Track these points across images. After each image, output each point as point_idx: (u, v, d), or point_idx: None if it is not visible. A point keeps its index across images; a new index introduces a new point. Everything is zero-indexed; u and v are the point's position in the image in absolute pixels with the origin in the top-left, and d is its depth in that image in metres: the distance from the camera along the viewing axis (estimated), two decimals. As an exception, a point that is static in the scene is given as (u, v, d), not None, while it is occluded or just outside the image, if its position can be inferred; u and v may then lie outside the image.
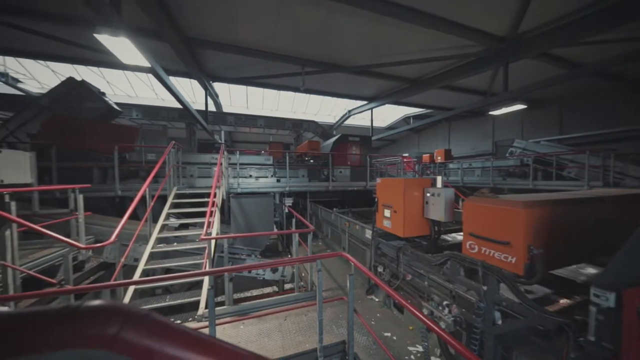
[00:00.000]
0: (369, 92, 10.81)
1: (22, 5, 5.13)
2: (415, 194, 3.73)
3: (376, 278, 2.19)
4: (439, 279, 3.11)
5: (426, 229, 3.83)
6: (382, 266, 4.09)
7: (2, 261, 2.95)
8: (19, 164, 4.15)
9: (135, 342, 0.34)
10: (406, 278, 3.49)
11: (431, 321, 1.73)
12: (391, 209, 3.87)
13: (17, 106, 7.50)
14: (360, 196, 9.65)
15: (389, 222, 3.98)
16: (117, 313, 0.35)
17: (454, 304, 2.92)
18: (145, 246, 4.61)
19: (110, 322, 0.34)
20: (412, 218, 3.74)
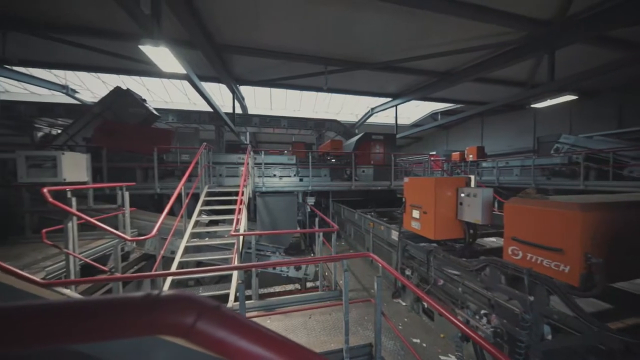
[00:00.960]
0: (393, 89, 10.46)
1: (79, 25, 5.82)
2: (447, 194, 3.51)
3: (408, 282, 2.09)
4: (476, 285, 2.89)
5: (459, 232, 3.59)
6: (409, 269, 3.92)
7: (66, 249, 3.36)
8: (78, 164, 4.72)
9: (209, 334, 0.35)
10: (437, 283, 3.30)
11: (472, 331, 1.60)
12: (420, 209, 3.69)
13: (75, 114, 8.53)
14: (384, 196, 9.39)
15: (418, 224, 3.80)
16: (193, 304, 0.36)
17: (493, 314, 2.69)
18: (180, 240, 4.95)
19: (188, 312, 0.35)
20: (444, 220, 3.52)
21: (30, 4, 5.18)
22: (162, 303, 0.35)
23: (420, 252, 3.68)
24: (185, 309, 0.36)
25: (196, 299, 0.37)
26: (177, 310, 0.35)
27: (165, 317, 0.35)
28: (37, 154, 4.43)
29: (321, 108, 15.58)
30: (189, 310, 0.36)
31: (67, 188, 3.60)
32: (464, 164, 11.94)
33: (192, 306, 0.36)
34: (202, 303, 0.37)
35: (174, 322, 0.35)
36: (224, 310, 0.38)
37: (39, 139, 9.45)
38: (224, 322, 0.36)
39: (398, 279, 2.23)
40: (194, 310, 0.36)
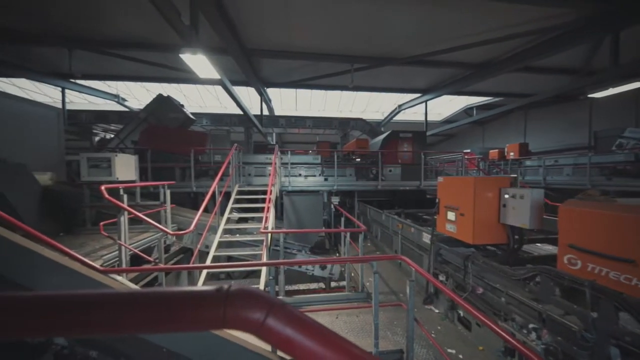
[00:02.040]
0: (423, 84, 9.96)
1: (129, 40, 6.50)
2: (488, 195, 3.22)
3: (447, 289, 1.96)
4: (523, 296, 2.61)
5: (502, 237, 3.27)
6: (444, 275, 3.69)
7: (119, 241, 3.77)
8: (128, 165, 5.29)
9: (278, 331, 0.35)
10: (476, 291, 3.05)
11: (522, 345, 1.45)
12: (457, 211, 3.45)
13: (125, 120, 9.55)
14: (413, 196, 8.98)
15: (453, 226, 3.55)
16: (262, 300, 0.36)
17: (545, 329, 2.41)
18: (214, 236, 5.26)
19: (258, 308, 0.36)
20: (484, 223, 3.24)
21: (91, 25, 5.91)
22: (233, 298, 0.36)
23: (457, 257, 3.44)
24: (255, 305, 0.36)
25: (265, 296, 0.37)
26: (248, 305, 0.36)
27: (238, 312, 0.35)
28: (95, 156, 5.06)
29: (346, 107, 15.44)
30: (259, 307, 0.36)
31: (119, 186, 4.03)
32: (504, 162, 10.92)
33: (262, 302, 0.36)
34: (270, 300, 0.37)
35: (246, 318, 0.35)
36: (290, 308, 0.38)
37: (96, 143, 10.78)
38: (291, 320, 0.36)
39: (434, 284, 2.10)
40: (264, 307, 0.36)
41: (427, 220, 6.27)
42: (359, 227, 3.98)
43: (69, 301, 0.34)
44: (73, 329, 0.36)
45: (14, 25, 5.84)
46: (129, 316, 0.34)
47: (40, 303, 0.35)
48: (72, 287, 2.02)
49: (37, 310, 0.33)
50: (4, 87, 10.37)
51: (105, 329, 0.36)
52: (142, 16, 5.45)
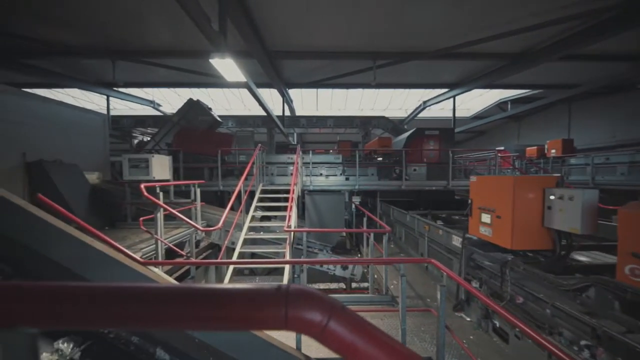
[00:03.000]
0: (451, 78, 9.42)
1: (164, 49, 7.00)
2: (529, 195, 2.94)
3: (485, 297, 1.82)
4: (573, 309, 2.35)
5: (545, 242, 2.97)
6: (477, 281, 3.45)
7: (156, 235, 4.07)
8: (163, 165, 5.71)
9: (341, 336, 0.34)
10: (516, 301, 2.81)
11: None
12: (493, 213, 3.20)
13: (160, 123, 10.30)
14: (439, 197, 8.55)
15: (488, 230, 3.30)
16: (323, 302, 0.35)
17: (600, 347, 2.14)
18: (239, 233, 5.46)
19: (320, 310, 0.34)
20: (525, 226, 2.96)
21: (132, 37, 6.46)
22: (294, 298, 0.35)
23: (493, 262, 3.19)
24: (317, 307, 0.34)
25: (325, 298, 0.36)
26: (310, 307, 0.34)
27: (299, 314, 0.34)
28: (135, 157, 5.52)
29: (367, 105, 15.16)
30: (321, 309, 0.34)
31: (156, 184, 4.35)
32: (543, 160, 9.95)
33: (324, 305, 0.34)
34: (332, 302, 0.35)
35: (308, 320, 0.34)
36: (351, 311, 0.36)
37: (135, 145, 11.79)
38: (353, 325, 0.34)
39: (469, 290, 1.97)
40: (326, 310, 0.34)
41: (457, 222, 5.93)
42: (383, 228, 3.87)
43: (133, 294, 0.36)
44: (137, 323, 0.37)
45: (67, 41, 6.58)
46: (188, 312, 0.34)
47: (113, 294, 0.36)
48: (119, 279, 2.21)
49: (106, 301, 0.35)
50: (59, 96, 11.73)
51: (166, 324, 0.37)
52: (176, 25, 5.84)
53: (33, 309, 0.32)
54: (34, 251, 1.99)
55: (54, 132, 5.65)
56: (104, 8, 5.29)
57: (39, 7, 5.27)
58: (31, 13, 5.47)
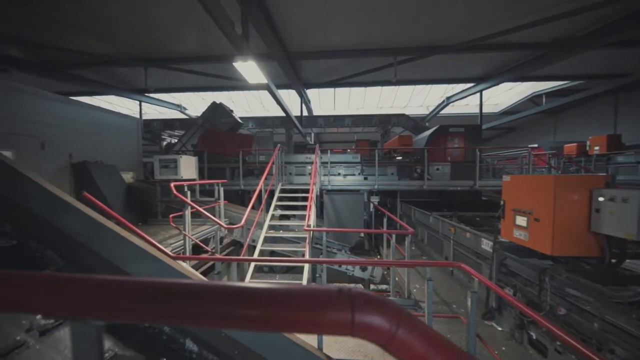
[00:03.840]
0: (477, 72, 8.89)
1: (190, 56, 7.37)
2: (574, 197, 2.66)
3: (524, 307, 1.67)
4: (627, 325, 2.09)
5: (593, 248, 2.68)
6: (510, 288, 3.20)
7: (184, 232, 4.30)
8: (190, 165, 6.02)
9: (410, 345, 0.31)
10: (557, 312, 2.56)
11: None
12: (529, 215, 2.95)
13: (186, 126, 10.87)
14: (465, 198, 8.11)
15: (524, 233, 3.05)
16: (392, 309, 0.33)
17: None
18: (260, 231, 5.59)
19: (387, 317, 0.32)
20: (567, 230, 2.69)
21: (163, 46, 6.90)
22: (360, 302, 0.32)
23: (529, 269, 2.94)
24: (385, 313, 0.32)
25: (393, 303, 0.33)
26: (377, 313, 0.32)
27: (367, 319, 0.32)
28: (165, 158, 5.86)
29: (386, 103, 14.81)
30: (389, 316, 0.32)
31: (184, 183, 4.58)
32: (585, 158, 9.04)
33: (392, 311, 0.32)
34: (399, 308, 0.33)
35: (376, 327, 0.31)
36: (419, 319, 0.33)
37: (164, 147, 12.56)
38: (423, 335, 0.31)
39: (507, 299, 1.83)
40: (394, 316, 0.31)
41: (485, 224, 5.57)
42: (406, 229, 3.73)
43: (195, 292, 0.36)
44: (196, 321, 0.37)
45: (106, 52, 7.18)
46: (249, 313, 0.33)
47: (183, 290, 0.36)
48: (153, 273, 2.34)
49: (171, 298, 0.35)
50: (99, 102, 12.84)
51: (220, 323, 0.36)
52: (201, 32, 6.13)
53: (102, 301, 0.33)
54: (81, 244, 2.18)
55: (95, 135, 6.19)
56: (138, 20, 5.70)
57: (83, 22, 5.80)
58: (77, 28, 6.04)
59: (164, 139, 14.12)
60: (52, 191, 2.34)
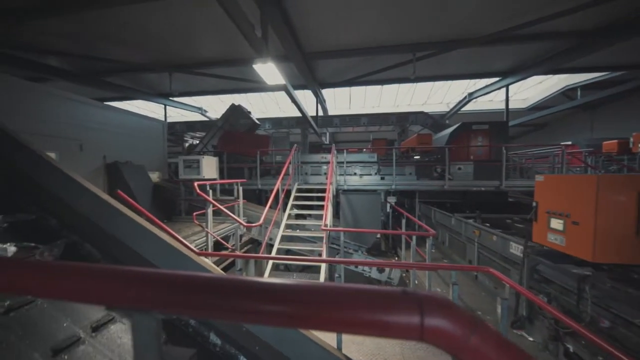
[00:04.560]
0: (503, 65, 8.39)
1: (211, 61, 7.66)
2: (619, 198, 2.42)
3: (565, 317, 1.55)
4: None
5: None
6: (543, 296, 2.97)
7: (207, 229, 4.47)
8: (211, 165, 6.26)
9: (484, 354, 0.29)
10: (600, 324, 2.34)
11: None
12: (567, 218, 2.72)
13: (207, 128, 11.32)
14: (489, 199, 7.69)
15: (560, 237, 2.82)
16: (465, 315, 0.31)
17: None
18: (277, 230, 5.68)
19: (461, 323, 0.30)
20: (612, 235, 2.45)
21: (187, 52, 7.23)
22: (429, 306, 0.30)
23: (566, 276, 2.72)
24: (457, 320, 0.30)
25: (464, 310, 0.31)
26: (448, 318, 0.30)
27: (438, 325, 0.30)
28: (189, 158, 6.14)
29: (403, 100, 14.44)
30: (462, 322, 0.30)
31: (207, 183, 4.77)
32: (628, 157, 8.21)
33: (464, 317, 0.30)
34: (472, 315, 0.31)
35: (448, 333, 0.29)
36: (493, 327, 0.31)
37: (186, 148, 13.16)
38: (498, 345, 0.29)
39: (543, 307, 1.70)
40: (466, 323, 0.29)
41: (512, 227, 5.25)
42: (427, 231, 3.60)
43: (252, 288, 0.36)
44: (243, 317, 0.37)
45: (136, 59, 7.65)
46: (307, 312, 0.32)
47: (251, 288, 0.36)
48: (181, 267, 2.44)
49: (231, 294, 0.35)
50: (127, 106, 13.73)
51: (277, 320, 0.36)
52: (222, 37, 6.35)
53: (166, 295, 0.35)
54: (115, 239, 2.33)
55: (125, 137, 6.63)
56: (165, 29, 6.02)
57: (115, 33, 6.23)
58: (109, 38, 6.50)
59: (186, 141, 14.80)
60: (92, 190, 2.52)
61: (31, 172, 2.50)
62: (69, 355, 1.41)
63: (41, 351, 1.35)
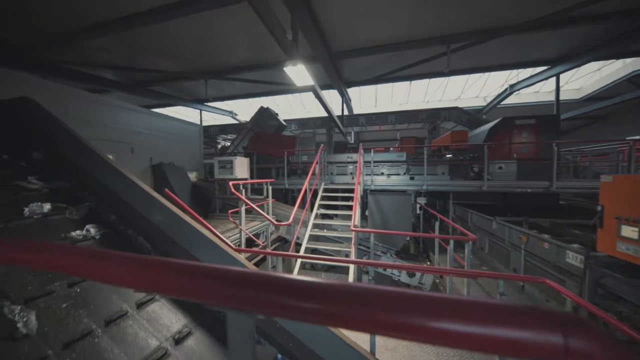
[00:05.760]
0: (551, 52, 7.49)
1: (242, 65, 8.04)
2: None
3: None
4: None
5: None
6: (613, 314, 2.58)
7: (240, 226, 4.70)
8: (243, 166, 6.58)
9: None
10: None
11: None
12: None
13: (237, 130, 11.91)
14: (536, 201, 6.94)
15: (634, 247, 2.42)
16: (610, 342, 0.26)
17: None
18: (305, 229, 5.75)
19: (609, 353, 0.26)
20: None
21: (221, 59, 7.70)
22: (571, 327, 0.26)
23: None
24: (601, 340, 0.26)
25: (610, 335, 0.27)
26: (595, 344, 0.26)
27: (583, 350, 0.26)
28: (223, 159, 6.53)
29: (434, 96, 13.70)
30: (606, 344, 0.26)
31: (240, 182, 5.01)
32: None
33: (611, 345, 0.26)
34: (612, 335, 0.26)
35: (595, 357, 0.26)
36: (630, 347, 0.26)
37: (219, 150, 14.01)
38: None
39: (621, 329, 1.47)
40: (610, 345, 0.25)
41: (566, 233, 4.67)
42: (466, 235, 3.35)
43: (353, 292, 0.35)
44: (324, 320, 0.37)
45: (175, 69, 8.34)
46: (424, 323, 0.30)
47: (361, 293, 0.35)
48: (220, 262, 2.58)
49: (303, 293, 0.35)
50: (168, 112, 15.02)
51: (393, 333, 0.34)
52: (253, 42, 6.63)
53: (270, 298, 0.36)
54: (164, 233, 2.54)
55: (168, 140, 7.27)
56: (203, 39, 6.47)
57: (159, 46, 6.86)
58: (155, 51, 7.17)
59: (218, 143, 15.75)
60: (145, 189, 2.78)
61: (94, 172, 2.86)
62: (117, 327, 1.65)
63: (97, 321, 1.61)
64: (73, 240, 2.16)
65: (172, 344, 1.75)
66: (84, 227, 2.36)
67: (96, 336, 1.55)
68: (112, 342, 1.57)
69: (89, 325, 1.58)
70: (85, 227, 2.38)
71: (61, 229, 2.22)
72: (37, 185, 2.54)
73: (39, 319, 1.45)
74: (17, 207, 2.16)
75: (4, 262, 0.74)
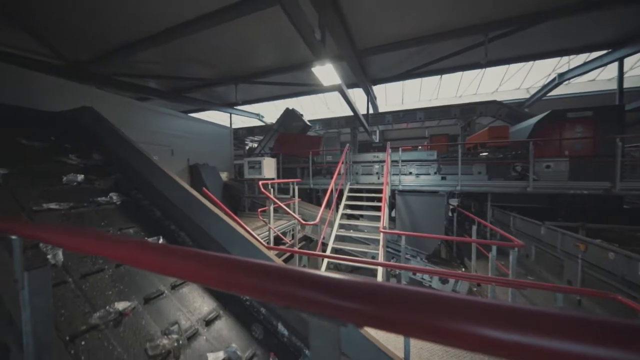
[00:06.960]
0: (610, 34, 6.52)
1: (268, 69, 8.30)
2: None
3: None
4: None
5: None
6: None
7: (269, 224, 4.83)
8: (270, 166, 6.79)
9: None
10: None
11: None
12: None
13: (264, 132, 12.32)
14: (593, 204, 6.09)
15: None
16: None
17: None
18: (331, 229, 5.73)
19: None
20: None
21: (250, 64, 8.03)
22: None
23: None
24: None
25: None
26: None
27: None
28: (252, 160, 6.79)
29: (467, 90, 12.81)
30: None
31: (268, 182, 5.16)
32: None
33: None
34: None
35: None
36: None
37: (247, 151, 14.64)
38: None
39: None
40: None
41: (634, 242, 4.03)
42: (511, 241, 3.04)
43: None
44: None
45: (209, 75, 8.88)
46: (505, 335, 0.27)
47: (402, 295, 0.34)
48: (254, 259, 2.65)
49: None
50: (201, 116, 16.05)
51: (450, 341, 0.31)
52: (279, 45, 6.80)
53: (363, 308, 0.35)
54: (202, 230, 2.70)
55: (202, 142, 7.77)
56: (232, 45, 6.80)
57: (196, 55, 7.35)
58: (191, 60, 7.71)
59: (246, 144, 16.45)
60: (186, 188, 2.98)
61: (143, 171, 3.15)
62: (155, 305, 1.93)
63: (138, 298, 1.90)
64: (98, 203, 2.62)
65: (202, 324, 1.96)
66: (108, 194, 2.79)
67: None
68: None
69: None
70: (109, 194, 2.80)
71: (89, 195, 2.68)
72: (75, 161, 3.05)
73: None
74: (59, 177, 2.71)
75: (75, 250, 0.85)
